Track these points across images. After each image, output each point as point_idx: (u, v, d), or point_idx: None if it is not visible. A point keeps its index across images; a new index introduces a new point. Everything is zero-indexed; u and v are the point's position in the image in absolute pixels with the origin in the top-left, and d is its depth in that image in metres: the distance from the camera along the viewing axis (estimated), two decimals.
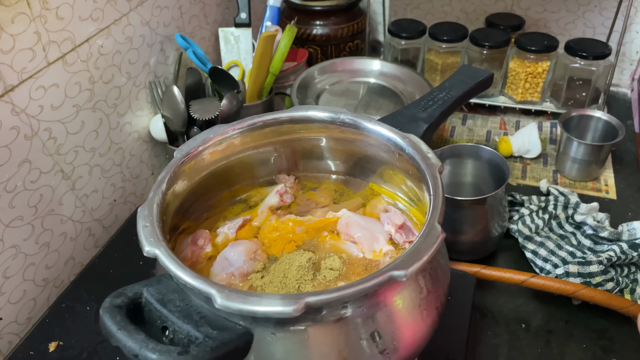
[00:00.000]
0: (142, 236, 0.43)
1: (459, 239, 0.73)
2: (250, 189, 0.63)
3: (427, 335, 0.46)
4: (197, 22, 0.98)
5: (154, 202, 0.46)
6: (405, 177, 0.56)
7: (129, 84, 0.82)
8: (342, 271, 0.50)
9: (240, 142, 0.57)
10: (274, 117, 0.56)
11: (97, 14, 0.72)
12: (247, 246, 0.52)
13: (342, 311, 0.40)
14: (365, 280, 0.38)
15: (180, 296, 0.42)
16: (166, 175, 0.49)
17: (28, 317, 0.69)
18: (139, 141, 0.86)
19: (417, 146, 0.51)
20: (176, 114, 0.83)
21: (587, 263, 0.68)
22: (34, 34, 0.63)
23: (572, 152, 0.88)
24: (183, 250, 0.54)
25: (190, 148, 0.53)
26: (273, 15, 0.99)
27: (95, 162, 0.77)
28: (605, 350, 0.64)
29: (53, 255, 0.72)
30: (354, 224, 0.55)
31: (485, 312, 0.69)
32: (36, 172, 0.67)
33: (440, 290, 0.47)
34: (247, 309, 0.37)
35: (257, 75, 0.92)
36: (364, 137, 0.56)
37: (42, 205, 0.69)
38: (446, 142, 1.03)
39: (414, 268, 0.39)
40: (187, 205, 0.56)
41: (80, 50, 0.71)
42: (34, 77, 0.64)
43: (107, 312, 0.38)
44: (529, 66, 1.00)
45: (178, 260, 0.41)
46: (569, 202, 0.80)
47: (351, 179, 0.63)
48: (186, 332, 0.39)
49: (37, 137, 0.66)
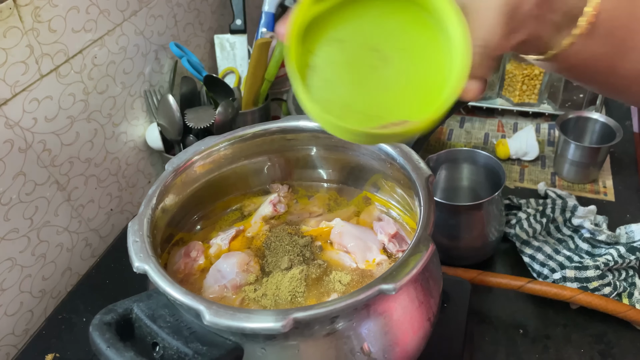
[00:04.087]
0: (132, 252, 0.43)
1: (456, 244, 0.73)
2: (244, 198, 0.63)
3: (419, 346, 0.46)
4: (192, 29, 0.98)
5: (145, 216, 0.46)
6: (397, 186, 0.56)
7: (124, 93, 0.82)
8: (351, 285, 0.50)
9: (232, 153, 0.57)
10: (264, 128, 0.56)
11: (90, 25, 0.73)
12: (239, 258, 0.52)
13: (332, 325, 0.40)
14: (354, 295, 0.38)
15: (170, 311, 0.42)
16: (157, 189, 0.49)
17: (25, 329, 0.70)
18: (134, 150, 0.86)
19: (408, 155, 0.51)
20: (172, 122, 0.83)
21: (584, 268, 0.67)
22: (27, 47, 0.64)
23: (570, 155, 0.88)
24: (176, 262, 0.54)
25: (181, 161, 0.53)
26: (268, 21, 0.99)
27: (90, 173, 0.77)
28: (603, 354, 0.64)
29: (49, 266, 0.72)
30: (347, 234, 0.55)
31: (482, 317, 0.69)
32: (31, 184, 0.67)
33: (432, 301, 0.46)
34: (235, 325, 0.37)
35: (252, 82, 0.91)
36: (356, 146, 0.56)
37: (37, 217, 0.69)
38: (444, 146, 1.03)
39: (403, 281, 0.38)
40: (180, 217, 0.56)
41: (73, 62, 0.71)
42: (27, 89, 0.65)
43: (96, 330, 0.39)
44: (525, 68, 1.00)
45: (167, 276, 0.41)
46: (566, 205, 0.79)
47: (345, 187, 0.63)
48: (176, 349, 0.39)
49: (31, 149, 0.66)
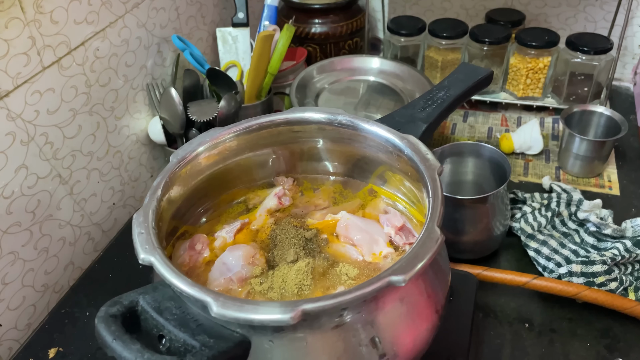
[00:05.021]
0: (138, 243, 0.42)
1: (461, 238, 0.73)
2: (249, 191, 0.62)
3: (427, 338, 0.45)
4: (194, 22, 0.97)
5: (150, 208, 0.46)
6: (405, 178, 0.55)
7: (126, 86, 0.81)
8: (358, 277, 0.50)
9: (237, 145, 0.56)
10: (270, 119, 0.55)
11: (92, 17, 0.72)
12: (245, 251, 0.52)
13: (341, 317, 0.40)
14: (364, 286, 0.38)
15: (176, 304, 0.41)
16: (162, 181, 0.49)
17: (28, 323, 0.69)
18: (137, 144, 0.86)
19: (416, 147, 0.50)
20: (174, 116, 0.82)
21: (591, 262, 0.67)
22: (29, 38, 0.63)
23: (575, 148, 0.87)
24: (181, 255, 0.53)
25: (185, 152, 0.52)
26: (271, 15, 0.98)
27: (93, 166, 0.76)
28: (609, 349, 0.63)
29: (52, 260, 0.72)
30: (353, 227, 0.54)
31: (487, 311, 0.69)
32: (33, 177, 0.67)
33: (440, 294, 0.46)
34: (243, 317, 0.36)
35: (255, 76, 0.91)
36: (362, 138, 0.55)
37: (40, 211, 0.68)
38: (447, 140, 1.02)
39: (412, 273, 0.38)
40: (185, 210, 0.56)
41: (75, 54, 0.70)
42: (29, 82, 0.64)
43: (102, 322, 0.38)
44: (529, 62, 0.99)
45: (174, 268, 0.40)
46: (571, 199, 0.79)
47: (350, 180, 0.62)
48: (183, 341, 0.38)
49: (33, 142, 0.66)
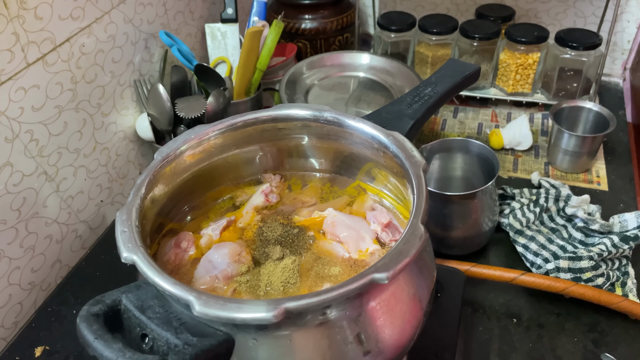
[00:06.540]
0: (120, 242, 0.42)
1: (450, 234, 0.73)
2: (236, 188, 0.62)
3: (412, 335, 0.45)
4: (183, 18, 0.96)
5: (133, 206, 0.45)
6: (390, 175, 0.55)
7: (113, 82, 0.80)
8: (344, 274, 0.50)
9: (223, 142, 0.56)
10: (254, 116, 0.55)
11: (78, 13, 0.71)
12: (231, 248, 0.52)
13: (324, 315, 0.40)
14: (347, 284, 0.38)
15: (160, 302, 0.41)
16: (145, 179, 0.48)
17: (14, 322, 0.69)
18: (125, 141, 0.85)
19: (402, 144, 0.50)
20: (162, 112, 0.82)
21: (578, 258, 0.67)
22: (12, 34, 0.62)
23: (564, 144, 0.88)
24: (166, 253, 0.53)
25: (170, 150, 0.51)
26: (260, 10, 0.98)
27: (80, 163, 0.76)
28: (596, 343, 0.64)
29: (39, 258, 0.71)
30: (339, 224, 0.54)
31: (476, 307, 0.69)
32: (18, 175, 0.66)
33: (425, 290, 0.46)
34: (225, 315, 0.36)
35: (244, 72, 0.90)
36: (348, 135, 0.55)
37: (25, 208, 0.68)
38: (437, 136, 1.02)
39: (395, 271, 0.38)
40: (170, 207, 0.55)
41: (60, 50, 0.69)
42: (13, 78, 0.63)
43: (84, 321, 0.38)
44: (519, 57, 0.99)
45: (156, 266, 0.40)
46: (560, 195, 0.79)
47: (337, 177, 0.62)
48: (165, 340, 0.38)
49: (18, 139, 0.65)
